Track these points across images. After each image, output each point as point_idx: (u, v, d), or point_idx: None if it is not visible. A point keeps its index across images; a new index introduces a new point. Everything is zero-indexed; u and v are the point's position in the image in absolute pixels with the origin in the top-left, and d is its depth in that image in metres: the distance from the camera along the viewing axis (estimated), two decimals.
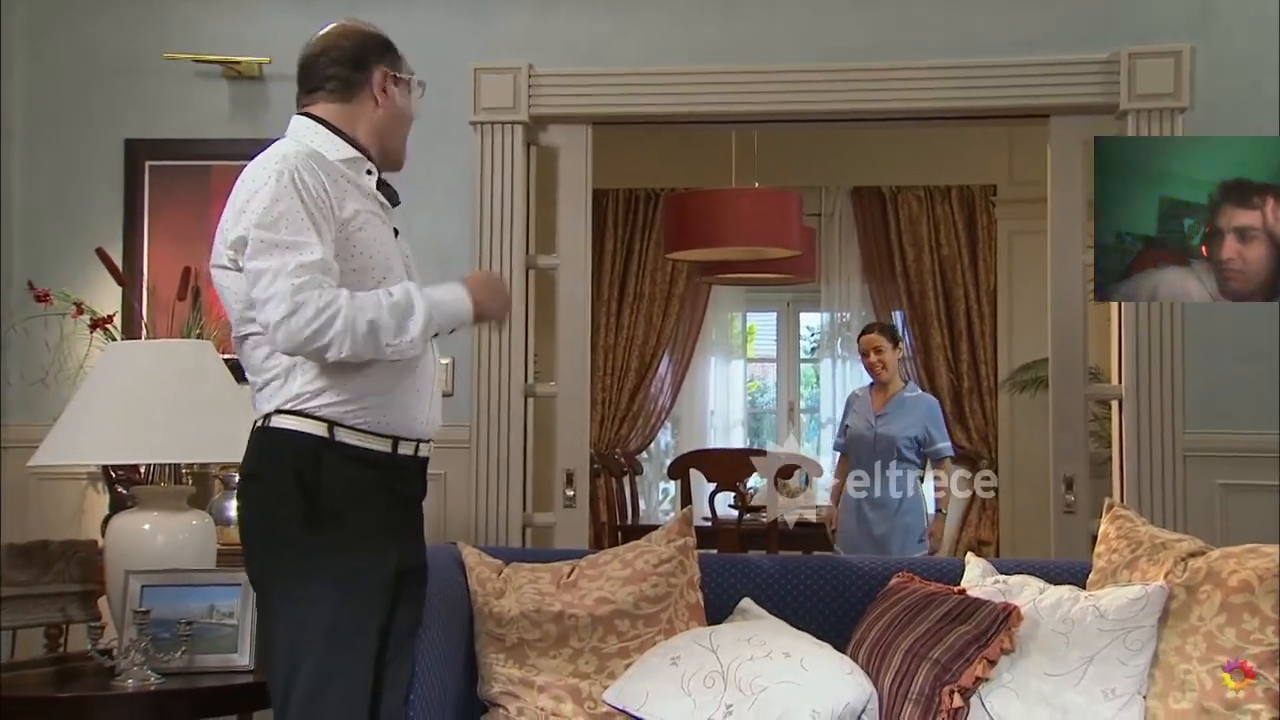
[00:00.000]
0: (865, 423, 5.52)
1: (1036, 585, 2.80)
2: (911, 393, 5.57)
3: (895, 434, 5.40)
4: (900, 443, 5.38)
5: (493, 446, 4.24)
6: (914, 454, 5.39)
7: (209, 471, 3.97)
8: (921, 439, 5.39)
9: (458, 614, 2.83)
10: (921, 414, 5.45)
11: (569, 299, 4.39)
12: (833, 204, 8.18)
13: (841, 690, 2.66)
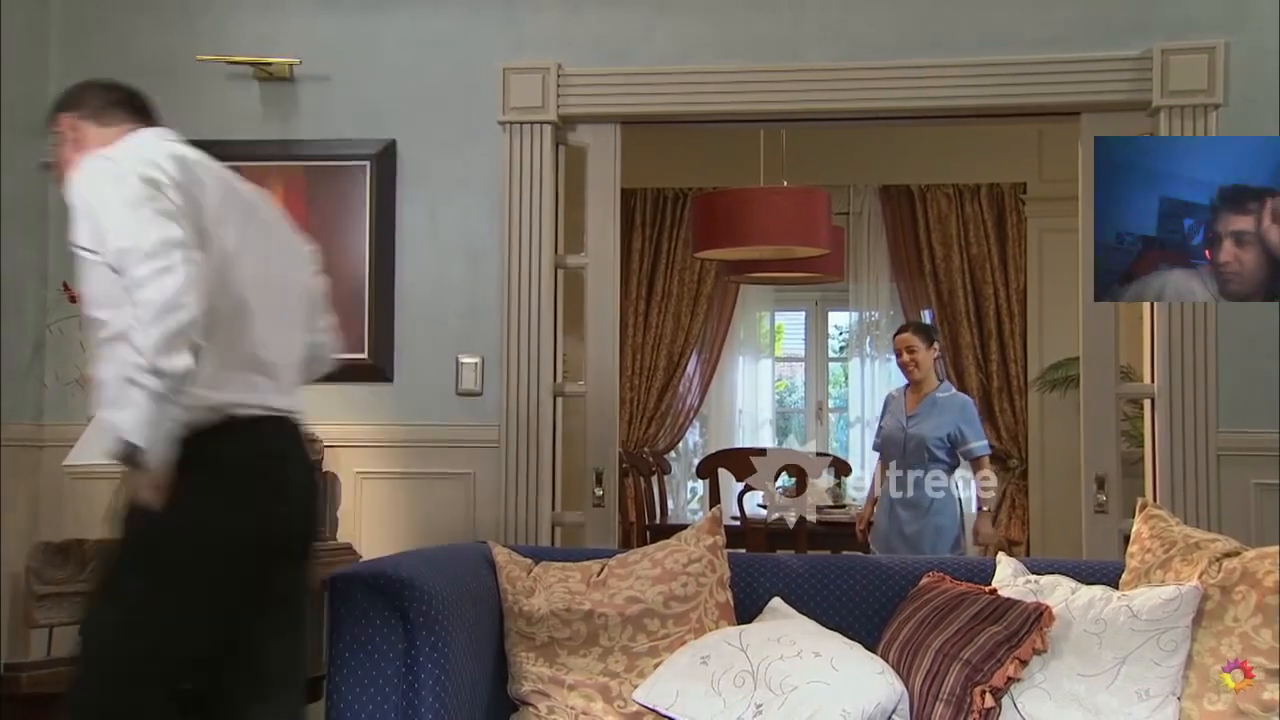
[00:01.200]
0: (897, 423, 5.53)
1: (1068, 585, 2.79)
2: (945, 393, 5.51)
3: (926, 434, 5.38)
4: (930, 443, 5.36)
5: (522, 446, 4.25)
6: (945, 454, 5.36)
7: None
8: (954, 438, 5.35)
9: (488, 612, 2.84)
10: (954, 413, 5.41)
11: (597, 298, 4.39)
12: (861, 203, 8.16)
13: (872, 690, 2.66)
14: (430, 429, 4.32)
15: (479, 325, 4.33)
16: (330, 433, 4.29)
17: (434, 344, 4.35)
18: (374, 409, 4.34)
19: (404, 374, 4.35)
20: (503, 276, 4.29)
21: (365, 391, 4.34)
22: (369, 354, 4.33)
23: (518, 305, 4.27)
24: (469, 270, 4.36)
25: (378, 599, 2.57)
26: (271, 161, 4.37)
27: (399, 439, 4.33)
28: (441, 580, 2.67)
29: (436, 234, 4.37)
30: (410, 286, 4.36)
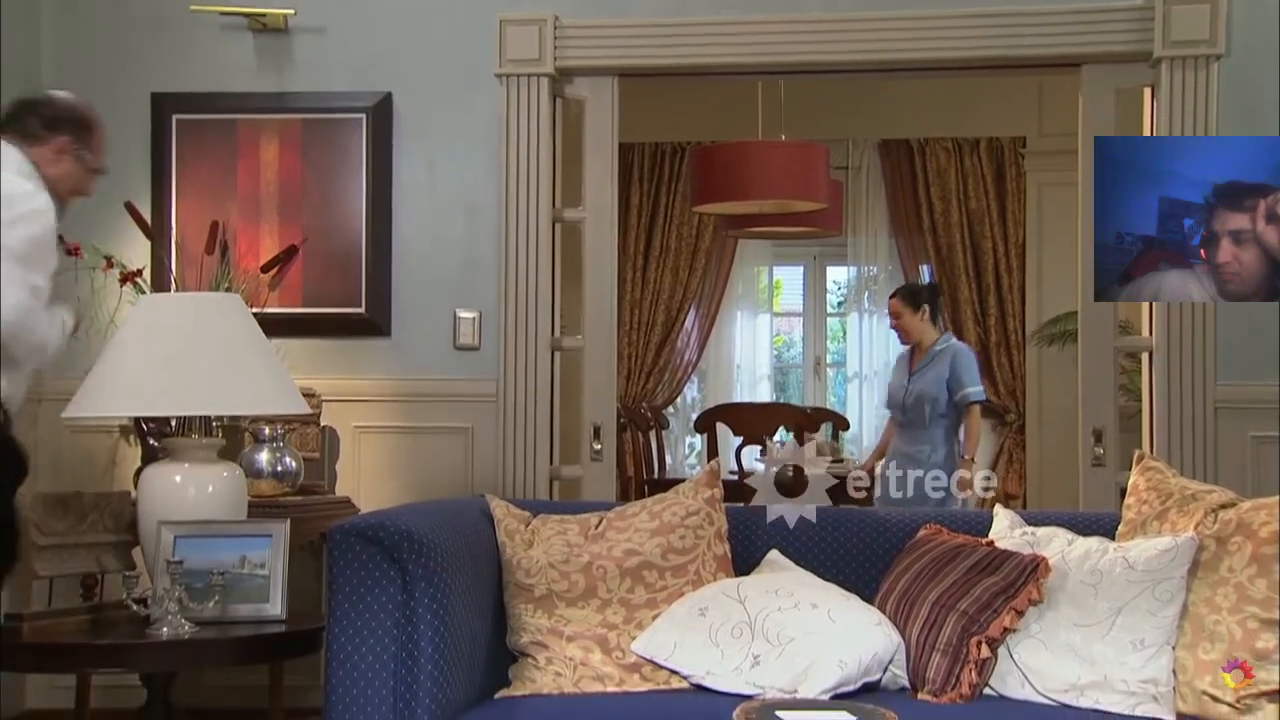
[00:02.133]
0: (899, 383, 5.57)
1: (1065, 537, 2.79)
2: (942, 345, 5.50)
3: (924, 390, 5.38)
4: (929, 399, 5.36)
5: (519, 400, 4.25)
6: (946, 406, 5.36)
7: (240, 424, 4.01)
8: (951, 387, 5.34)
9: (486, 565, 2.85)
10: (948, 361, 5.40)
11: (595, 252, 4.38)
12: (860, 157, 8.12)
13: (869, 641, 2.67)
14: (428, 383, 4.32)
15: (477, 279, 4.32)
16: (328, 387, 4.29)
17: (431, 298, 4.34)
18: (372, 363, 4.34)
19: (401, 328, 4.35)
20: (500, 230, 4.28)
21: (363, 346, 4.34)
22: (366, 308, 4.32)
23: (515, 259, 4.26)
24: (467, 224, 4.34)
25: (376, 552, 2.58)
26: (266, 114, 4.35)
27: (397, 393, 4.33)
28: (439, 533, 2.67)
29: (434, 187, 4.35)
30: (407, 240, 4.35)
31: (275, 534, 2.98)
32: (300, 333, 4.24)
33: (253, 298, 3.92)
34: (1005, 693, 2.64)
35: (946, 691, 2.60)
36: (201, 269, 3.83)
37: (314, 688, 2.83)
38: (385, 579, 2.57)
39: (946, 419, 5.40)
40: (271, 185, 4.32)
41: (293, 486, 3.97)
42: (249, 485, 3.42)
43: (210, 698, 4.17)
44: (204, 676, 4.14)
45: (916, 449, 5.41)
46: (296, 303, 4.30)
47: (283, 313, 4.19)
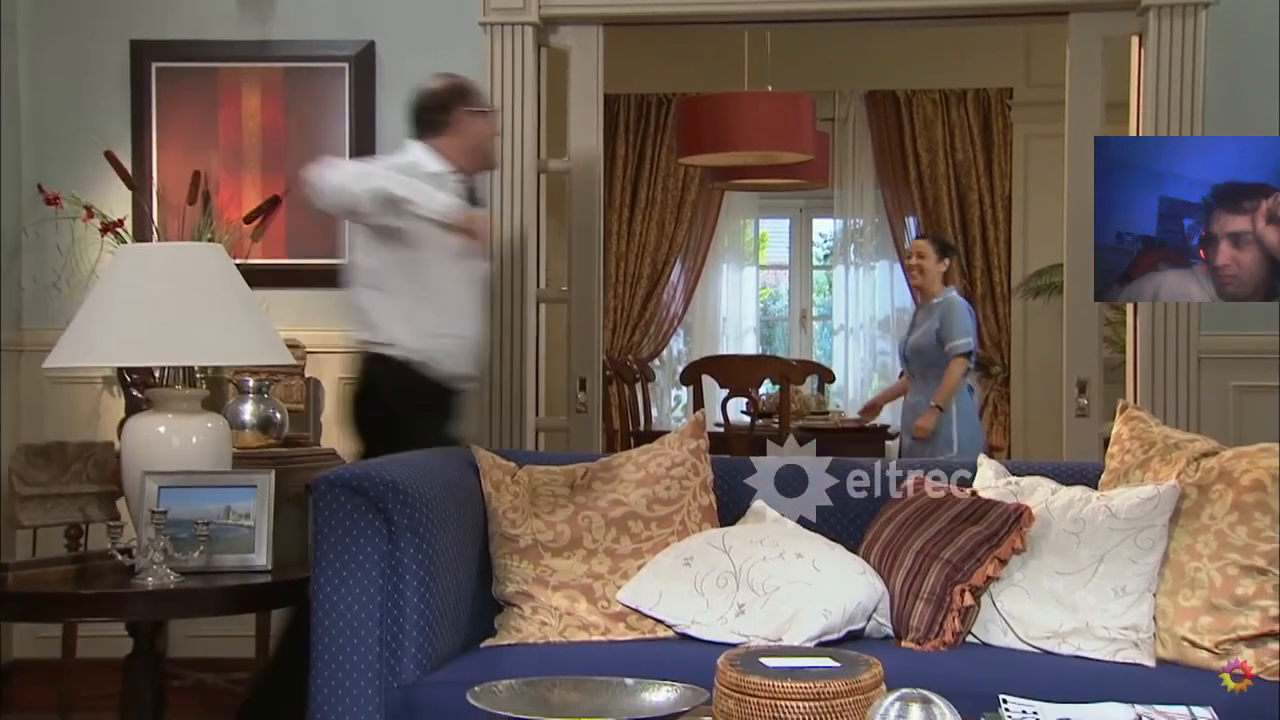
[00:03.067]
0: (903, 338, 5.66)
1: (1048, 486, 2.81)
2: (941, 298, 5.48)
3: (920, 342, 5.42)
4: (926, 350, 5.39)
5: (505, 352, 4.24)
6: (940, 357, 5.36)
7: (223, 376, 3.99)
8: (940, 338, 5.34)
9: (471, 516, 2.85)
10: (941, 314, 5.38)
11: (581, 203, 4.36)
12: (846, 108, 8.07)
13: (853, 590, 2.69)
14: None
15: None
16: (313, 339, 4.28)
17: None
18: None
19: None
20: (484, 180, 4.24)
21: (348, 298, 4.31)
22: None
23: (500, 209, 4.23)
24: None
25: (361, 502, 2.57)
26: (248, 63, 4.30)
27: None
28: (425, 484, 2.67)
29: None
30: None
31: (260, 485, 2.97)
32: (284, 284, 4.21)
33: (235, 249, 3.90)
34: (988, 640, 2.66)
35: (930, 639, 2.62)
36: (184, 219, 3.80)
37: None
38: (370, 529, 2.57)
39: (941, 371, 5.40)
40: (254, 135, 4.28)
41: (277, 438, 3.96)
42: (233, 437, 3.41)
43: (197, 648, 4.19)
44: (190, 626, 4.15)
45: (916, 399, 5.48)
46: (280, 254, 4.28)
47: (266, 264, 4.17)
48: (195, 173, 3.97)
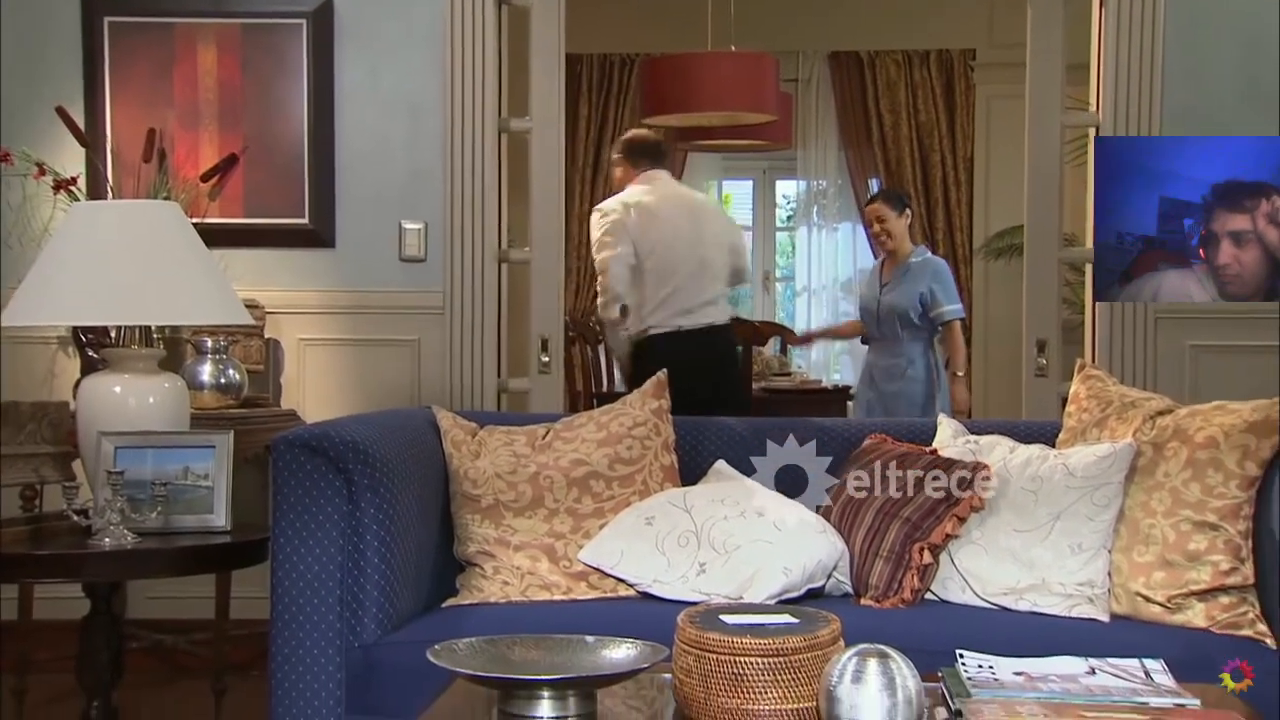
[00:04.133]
0: (872, 294, 5.45)
1: (1007, 444, 2.83)
2: (918, 258, 5.35)
3: (897, 302, 5.27)
4: (903, 311, 5.25)
5: (466, 312, 4.22)
6: (920, 319, 5.26)
7: (181, 337, 3.95)
8: (925, 301, 5.23)
9: (433, 476, 2.84)
10: (926, 277, 5.26)
11: (542, 162, 4.33)
12: (810, 69, 8.06)
13: (814, 548, 2.70)
14: (373, 295, 4.28)
15: (422, 190, 4.26)
16: (272, 299, 4.24)
17: (376, 209, 4.28)
18: (316, 275, 4.29)
19: (346, 239, 4.29)
20: (445, 139, 4.21)
21: (306, 257, 4.28)
22: (309, 219, 4.26)
23: (461, 169, 4.20)
24: (411, 134, 4.27)
25: (321, 462, 2.56)
26: (204, 19, 4.23)
27: (342, 305, 4.28)
28: (385, 443, 2.66)
29: (377, 96, 4.27)
30: (351, 151, 4.27)
31: (219, 445, 2.95)
32: (242, 244, 4.17)
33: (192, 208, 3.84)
34: (946, 597, 2.69)
35: (889, 597, 2.65)
36: (139, 178, 3.73)
37: (261, 599, 2.82)
38: (330, 489, 2.56)
39: (923, 332, 5.31)
40: (210, 92, 4.21)
41: (236, 399, 3.93)
42: (191, 398, 3.37)
43: (156, 609, 4.17)
44: (149, 588, 4.13)
45: (892, 362, 5.34)
46: (238, 213, 4.23)
47: (224, 223, 4.12)
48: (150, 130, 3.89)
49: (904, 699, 1.70)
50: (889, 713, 1.70)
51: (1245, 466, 2.52)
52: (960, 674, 1.94)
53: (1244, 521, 2.52)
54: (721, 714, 1.83)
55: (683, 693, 1.89)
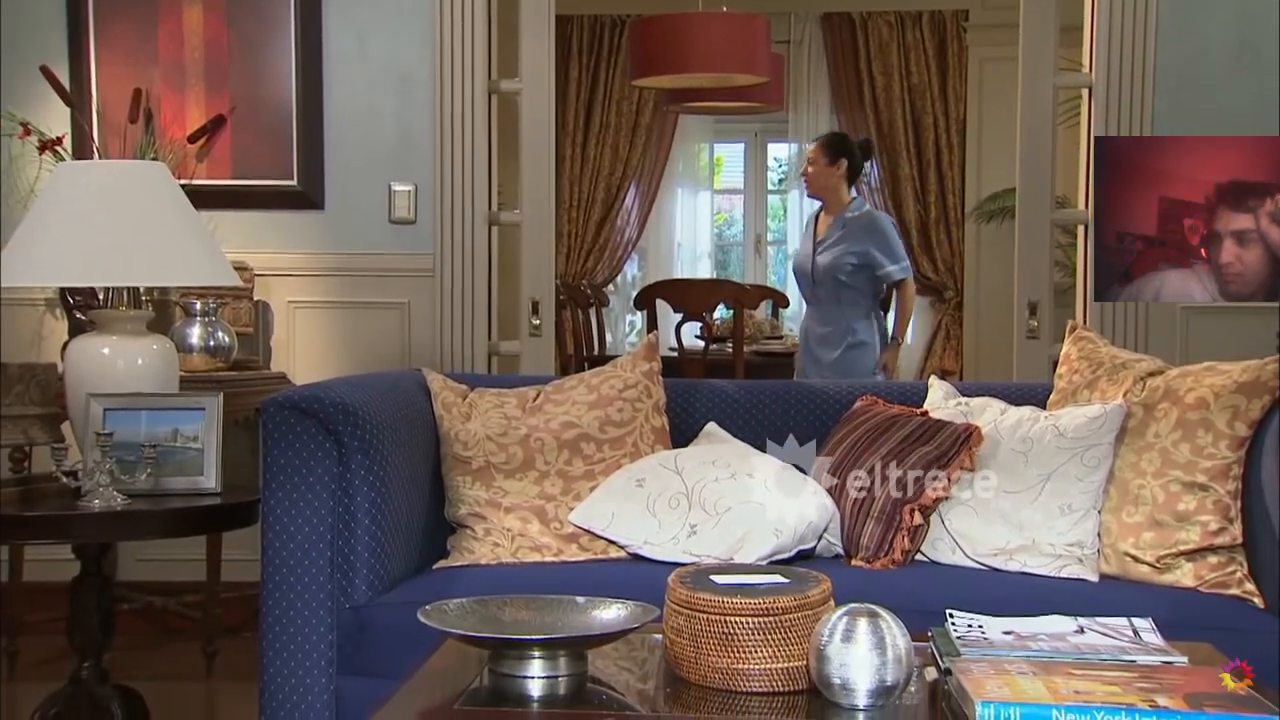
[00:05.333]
0: (805, 252, 5.08)
1: (998, 406, 2.83)
2: (854, 212, 4.98)
3: (833, 262, 4.91)
4: (839, 271, 4.90)
5: (457, 275, 4.21)
6: (862, 281, 4.92)
7: (169, 299, 3.93)
8: (866, 263, 4.88)
9: (423, 438, 2.83)
10: (863, 234, 4.89)
11: (532, 124, 4.30)
12: (802, 31, 8.01)
13: (804, 510, 2.70)
14: (363, 257, 4.26)
15: (411, 152, 4.24)
16: (261, 262, 4.22)
17: (366, 171, 4.26)
18: (305, 237, 4.27)
19: (335, 201, 4.27)
20: (435, 101, 4.18)
21: (295, 219, 4.26)
22: (298, 181, 4.23)
23: (451, 131, 4.17)
24: (400, 94, 4.24)
25: (311, 424, 2.55)
26: None
27: (332, 268, 4.27)
28: (376, 405, 2.65)
29: (365, 56, 4.23)
30: (339, 111, 4.24)
31: (208, 407, 2.94)
32: (231, 205, 4.15)
33: (180, 169, 3.82)
34: (936, 558, 2.69)
35: (879, 558, 2.65)
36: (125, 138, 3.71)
37: (252, 561, 2.82)
38: (321, 451, 2.55)
39: (864, 295, 4.95)
40: (196, 52, 4.17)
41: (226, 361, 3.92)
42: (181, 360, 3.36)
43: (147, 572, 4.18)
44: (140, 550, 4.13)
45: (828, 329, 4.95)
46: (226, 175, 4.20)
47: (212, 185, 4.10)
48: (136, 90, 3.87)
49: (894, 658, 1.71)
50: (878, 671, 1.70)
51: (1235, 427, 2.53)
52: (950, 633, 1.95)
53: (1233, 482, 2.52)
54: (712, 673, 1.83)
55: (673, 652, 1.89)
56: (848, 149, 5.06)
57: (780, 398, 3.10)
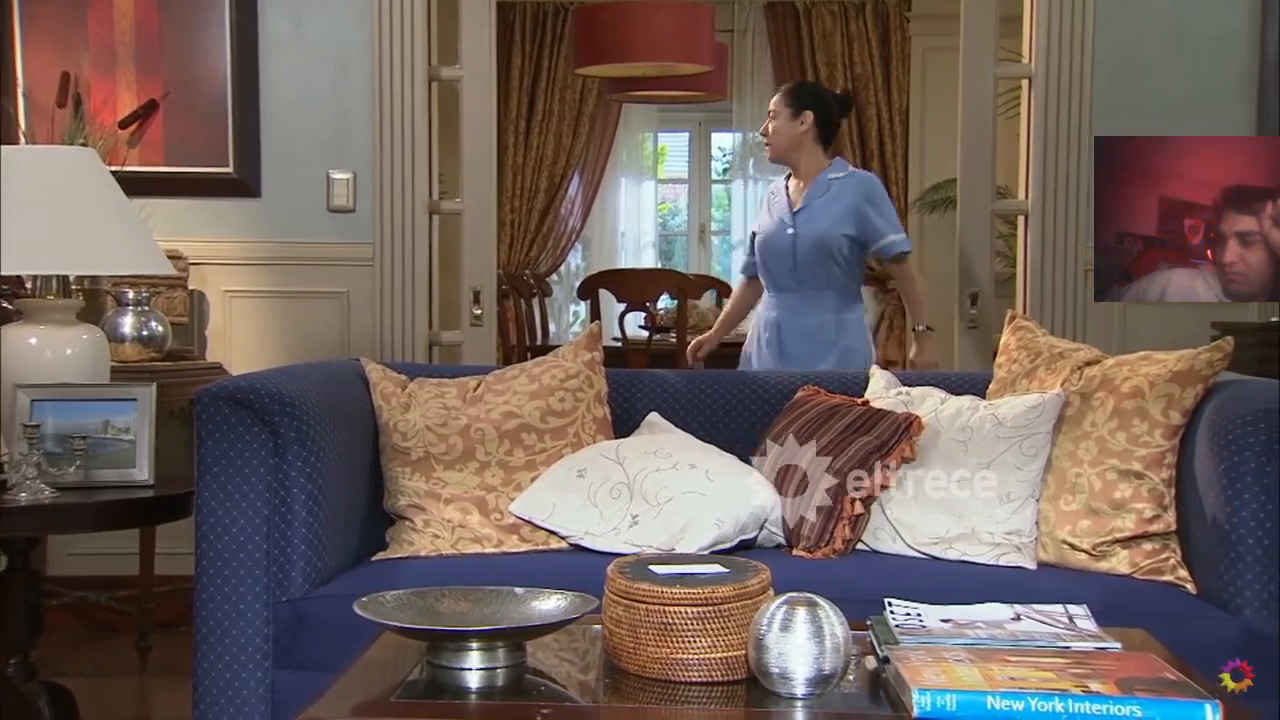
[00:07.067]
0: (779, 226, 4.04)
1: (938, 396, 2.84)
2: (838, 173, 4.05)
3: (823, 232, 3.95)
4: (832, 245, 3.95)
5: (397, 264, 4.16)
6: (856, 259, 4.00)
7: (100, 287, 3.85)
8: (863, 235, 3.96)
9: (362, 428, 2.80)
10: (852, 197, 3.97)
11: (474, 112, 4.26)
12: (745, 20, 8.02)
13: (746, 499, 2.70)
14: (301, 246, 4.21)
15: (350, 139, 4.19)
16: (196, 250, 4.15)
17: (303, 158, 4.20)
18: (241, 225, 4.20)
19: (272, 189, 4.21)
20: (374, 87, 4.13)
21: (231, 207, 4.19)
22: (234, 168, 4.16)
23: (390, 118, 4.13)
24: (338, 80, 4.18)
25: (246, 414, 2.51)
26: None
27: (269, 256, 4.21)
28: (312, 396, 2.61)
29: (302, 40, 4.17)
30: (276, 97, 4.18)
31: (141, 398, 2.88)
32: (164, 192, 4.07)
33: (110, 155, 3.75)
34: (877, 547, 2.70)
35: (820, 547, 2.65)
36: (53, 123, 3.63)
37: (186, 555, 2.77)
38: (256, 443, 2.51)
39: (856, 279, 4.05)
40: (127, 35, 4.08)
41: (160, 352, 3.85)
42: (113, 350, 3.29)
43: (79, 566, 4.10)
44: (71, 545, 4.05)
45: (815, 321, 3.99)
46: (159, 161, 4.12)
47: (144, 171, 4.02)
48: (64, 74, 3.78)
49: (831, 647, 1.71)
50: (816, 660, 1.70)
51: (1169, 415, 2.55)
52: (889, 622, 1.95)
53: (1167, 470, 2.55)
54: (651, 663, 1.82)
55: (612, 643, 1.88)
56: (816, 99, 4.11)
57: (723, 387, 3.10)
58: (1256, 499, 2.37)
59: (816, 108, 4.06)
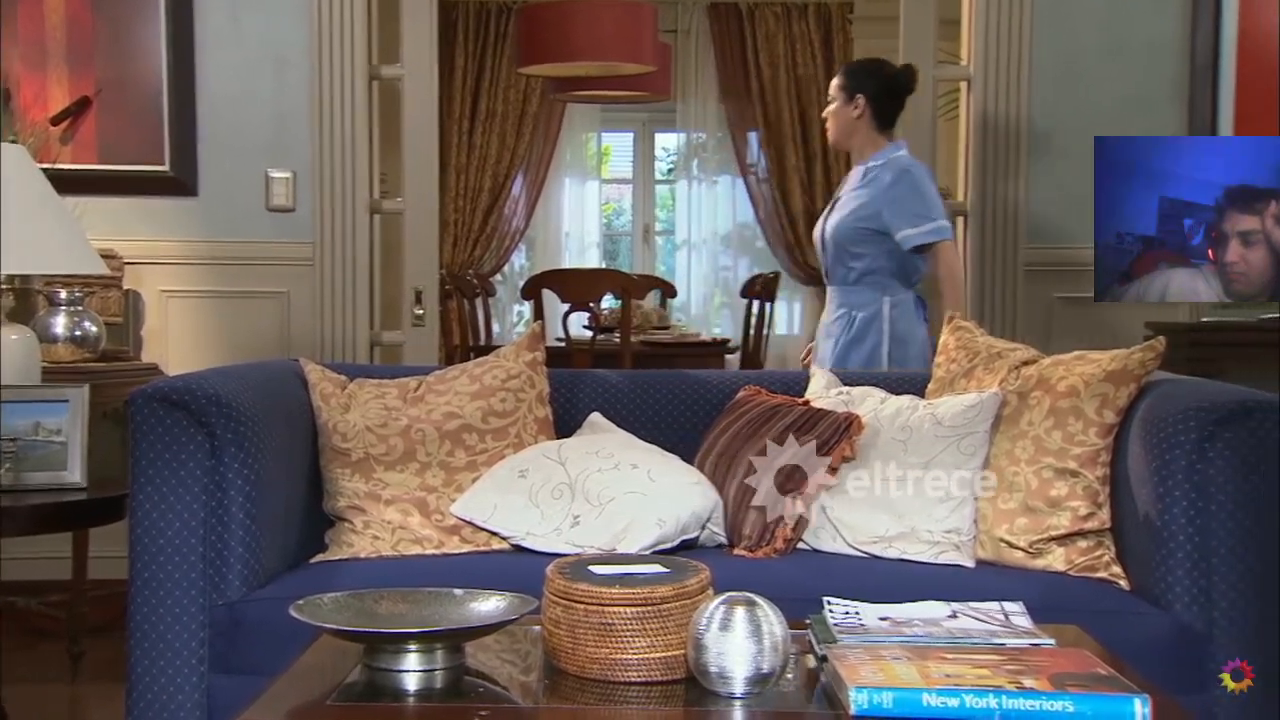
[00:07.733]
0: (821, 219, 3.91)
1: (878, 395, 2.86)
2: (879, 159, 3.77)
3: (840, 224, 3.76)
4: (851, 240, 3.73)
5: (338, 264, 4.13)
6: (877, 253, 3.71)
7: (31, 287, 3.78)
8: (875, 227, 3.69)
9: (301, 429, 2.77)
10: (875, 187, 3.72)
11: (415, 112, 4.24)
12: (689, 20, 8.04)
13: (687, 500, 2.70)
14: (240, 246, 4.16)
15: (289, 138, 4.15)
16: (131, 249, 4.09)
17: (241, 157, 4.15)
18: (178, 225, 4.15)
19: (209, 188, 4.16)
20: (313, 85, 4.09)
21: (168, 205, 4.13)
22: (170, 166, 4.11)
23: (330, 117, 4.09)
24: (277, 78, 4.14)
25: (181, 416, 2.48)
26: None
27: (206, 256, 4.15)
28: (250, 396, 2.58)
29: (240, 37, 4.13)
30: (213, 94, 4.13)
31: (73, 399, 2.84)
32: (98, 191, 4.01)
33: (41, 152, 3.68)
34: (818, 547, 2.71)
35: (762, 546, 2.66)
36: None
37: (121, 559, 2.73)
38: (192, 444, 2.48)
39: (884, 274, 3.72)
40: (58, 30, 4.01)
41: (94, 352, 3.79)
42: (45, 351, 3.24)
43: (9, 571, 4.02)
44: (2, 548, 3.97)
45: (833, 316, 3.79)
46: (92, 159, 4.06)
47: (77, 169, 3.95)
48: None
49: (770, 645, 1.71)
50: (755, 659, 1.70)
51: (1104, 414, 2.59)
52: (827, 620, 1.96)
53: (1102, 468, 2.59)
54: (590, 664, 1.82)
55: (552, 644, 1.87)
56: (869, 80, 3.83)
57: (664, 387, 3.10)
58: (1187, 496, 2.41)
59: (870, 90, 3.81)
